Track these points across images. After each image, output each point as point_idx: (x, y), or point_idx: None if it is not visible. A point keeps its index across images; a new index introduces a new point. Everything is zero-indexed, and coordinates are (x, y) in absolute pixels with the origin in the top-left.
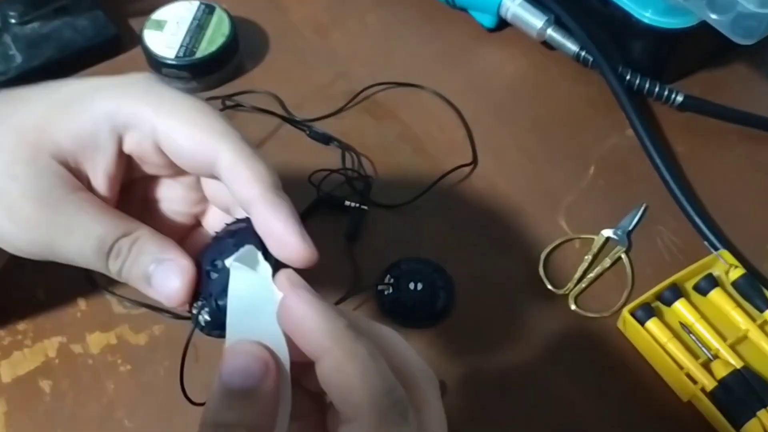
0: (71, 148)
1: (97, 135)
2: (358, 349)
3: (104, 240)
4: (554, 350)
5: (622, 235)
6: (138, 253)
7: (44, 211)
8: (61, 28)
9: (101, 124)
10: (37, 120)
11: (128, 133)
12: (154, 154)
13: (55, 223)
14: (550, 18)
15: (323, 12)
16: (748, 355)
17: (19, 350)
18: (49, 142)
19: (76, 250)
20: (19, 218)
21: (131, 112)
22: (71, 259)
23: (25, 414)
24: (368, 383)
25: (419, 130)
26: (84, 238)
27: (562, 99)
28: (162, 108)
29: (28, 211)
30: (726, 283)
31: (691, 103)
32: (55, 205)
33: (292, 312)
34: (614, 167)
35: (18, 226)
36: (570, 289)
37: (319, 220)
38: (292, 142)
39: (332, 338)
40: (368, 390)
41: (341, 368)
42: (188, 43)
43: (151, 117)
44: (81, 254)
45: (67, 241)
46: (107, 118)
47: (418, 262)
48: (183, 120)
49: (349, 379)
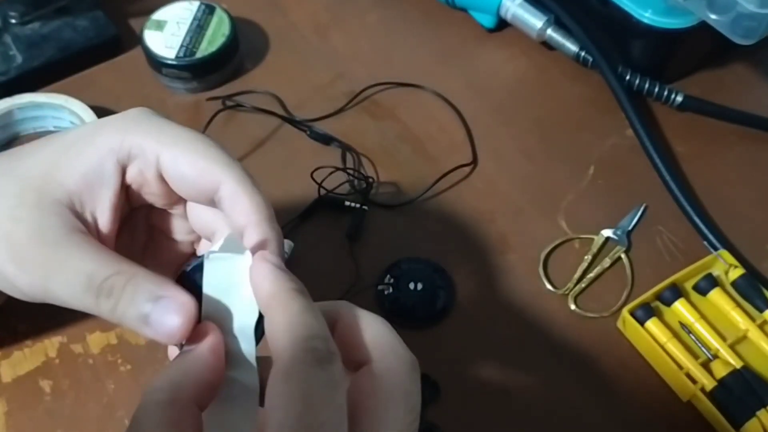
0: (77, 189)
1: (103, 170)
2: (290, 305)
3: (93, 277)
4: (554, 350)
5: (621, 235)
6: (133, 292)
7: (43, 251)
8: (61, 28)
9: (106, 159)
10: (43, 167)
11: (131, 163)
12: (155, 183)
13: (51, 261)
14: (549, 18)
15: (323, 12)
16: (747, 354)
17: (20, 350)
18: (55, 185)
19: (66, 288)
20: (21, 260)
21: (135, 144)
22: (63, 300)
23: (26, 414)
24: (289, 331)
25: (419, 130)
26: (74, 274)
27: (562, 99)
28: (165, 138)
29: (30, 253)
30: (725, 283)
31: (690, 104)
32: (54, 244)
33: (256, 279)
34: (614, 167)
35: (21, 269)
36: (570, 289)
37: (320, 220)
38: (292, 142)
39: (273, 297)
40: (288, 336)
41: (274, 319)
42: (188, 43)
43: (154, 147)
44: (71, 292)
45: (58, 279)
46: (111, 152)
47: (418, 262)
48: (186, 149)
49: (277, 327)
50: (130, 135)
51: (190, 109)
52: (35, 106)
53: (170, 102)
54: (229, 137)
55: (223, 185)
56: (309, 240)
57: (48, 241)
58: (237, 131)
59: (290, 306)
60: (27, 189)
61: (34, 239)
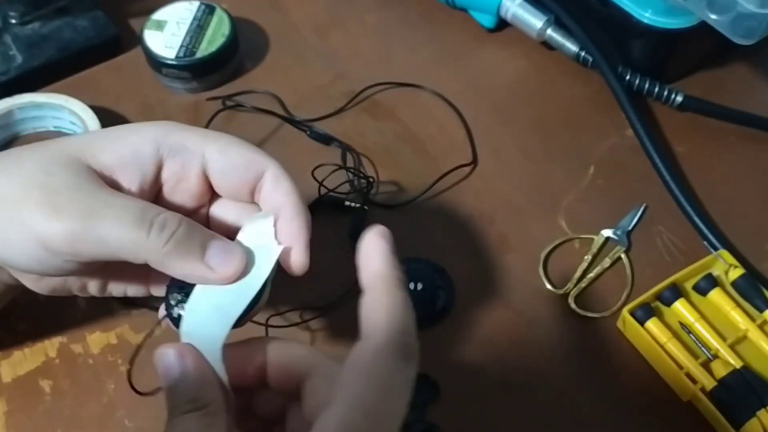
0: (111, 164)
1: (140, 155)
2: (395, 292)
3: (146, 211)
4: (554, 350)
5: (621, 235)
6: (189, 228)
7: (83, 194)
8: (61, 28)
9: (146, 146)
10: (81, 144)
11: (173, 158)
12: (195, 179)
13: (95, 201)
14: (549, 18)
15: (323, 12)
16: (747, 354)
17: (20, 350)
18: (90, 157)
19: (114, 222)
20: (58, 203)
21: (179, 140)
22: (106, 237)
23: (26, 414)
24: (388, 316)
25: (419, 130)
26: (122, 210)
27: (561, 99)
28: (208, 136)
29: (69, 196)
30: (725, 283)
31: (690, 104)
32: (95, 190)
33: (365, 249)
34: (614, 167)
35: (57, 212)
36: (570, 289)
37: (320, 220)
38: (292, 142)
39: (382, 277)
40: (386, 320)
41: (378, 298)
42: (188, 43)
43: (200, 143)
44: (119, 226)
45: (105, 214)
46: (153, 141)
47: (418, 262)
48: (231, 143)
49: (380, 306)
50: (173, 133)
51: (190, 109)
52: (35, 106)
53: (170, 102)
54: None
55: (268, 170)
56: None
57: (86, 188)
58: (237, 131)
59: (395, 293)
60: (62, 155)
61: (72, 187)
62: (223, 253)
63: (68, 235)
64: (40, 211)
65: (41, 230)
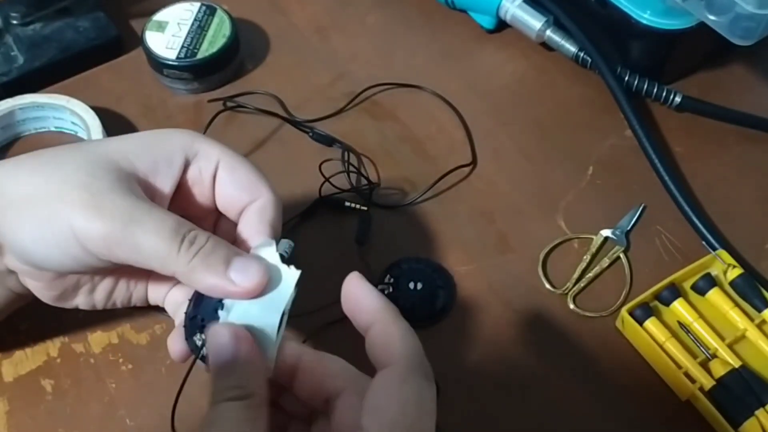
0: (146, 170)
1: (172, 159)
2: (400, 321)
3: (180, 225)
4: (553, 350)
5: (620, 234)
6: (215, 245)
7: (126, 200)
8: (62, 29)
9: (177, 151)
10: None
11: (195, 162)
12: (208, 184)
13: (136, 209)
14: (549, 19)
15: (324, 13)
16: (746, 354)
17: (21, 349)
18: (127, 162)
19: (152, 232)
20: (101, 205)
21: (203, 147)
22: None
23: (27, 413)
24: (403, 342)
25: (419, 130)
26: (161, 222)
27: (561, 100)
28: (226, 149)
29: (112, 200)
30: (724, 282)
31: (689, 104)
32: (135, 197)
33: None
34: (613, 167)
35: (99, 213)
36: (569, 289)
37: (320, 220)
38: (293, 142)
39: (382, 310)
40: (403, 346)
41: (387, 329)
42: (189, 44)
43: (218, 153)
44: (156, 235)
45: (146, 222)
46: (182, 149)
47: (418, 262)
48: (242, 162)
49: (392, 336)
50: (197, 141)
51: (191, 110)
52: (37, 107)
53: (171, 103)
54: (229, 138)
55: (261, 198)
56: (309, 240)
57: (128, 194)
58: (238, 132)
59: (400, 322)
60: (103, 159)
61: (115, 190)
62: (245, 267)
63: (107, 237)
64: (83, 211)
65: (82, 229)
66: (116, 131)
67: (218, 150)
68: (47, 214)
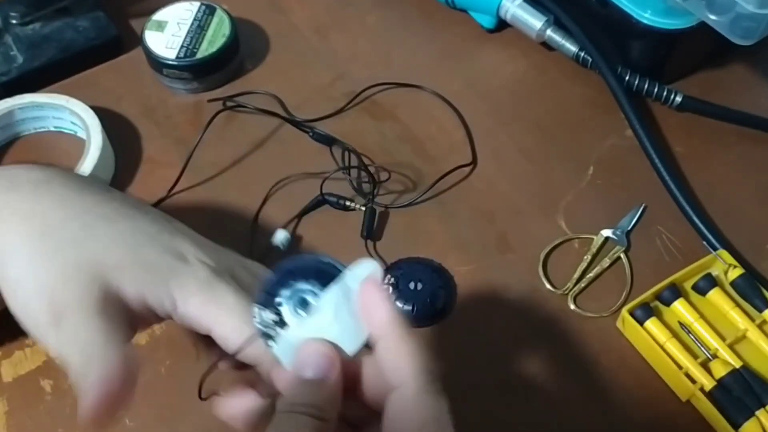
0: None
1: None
2: (409, 336)
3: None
4: (553, 350)
5: (621, 235)
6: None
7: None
8: (62, 28)
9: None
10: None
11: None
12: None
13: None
14: (549, 19)
15: (323, 13)
16: (746, 354)
17: (21, 350)
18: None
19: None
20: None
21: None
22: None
23: (27, 413)
24: (413, 359)
25: (419, 130)
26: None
27: (561, 99)
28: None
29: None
30: (725, 282)
31: (689, 104)
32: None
33: (367, 301)
34: (613, 167)
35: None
36: (569, 289)
37: (320, 220)
38: (293, 142)
39: (392, 324)
40: (413, 362)
41: (397, 347)
42: (189, 43)
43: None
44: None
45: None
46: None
47: (418, 262)
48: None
49: (401, 355)
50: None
51: (191, 110)
52: (36, 107)
53: (171, 102)
54: (229, 137)
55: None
56: (309, 240)
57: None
58: (237, 131)
59: (409, 338)
60: (83, 267)
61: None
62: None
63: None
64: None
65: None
66: (116, 131)
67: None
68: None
